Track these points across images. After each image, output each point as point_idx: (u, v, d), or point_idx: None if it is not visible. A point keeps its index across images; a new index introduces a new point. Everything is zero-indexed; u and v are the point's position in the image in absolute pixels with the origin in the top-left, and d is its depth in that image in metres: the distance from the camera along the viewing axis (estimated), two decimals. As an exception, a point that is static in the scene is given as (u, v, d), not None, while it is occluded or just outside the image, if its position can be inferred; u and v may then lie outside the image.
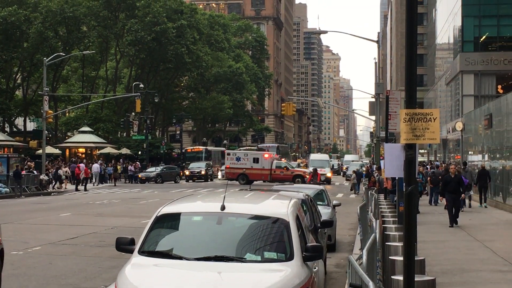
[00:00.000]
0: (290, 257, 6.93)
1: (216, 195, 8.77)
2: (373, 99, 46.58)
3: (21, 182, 39.92)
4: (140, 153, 71.85)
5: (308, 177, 53.10)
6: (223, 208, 7.45)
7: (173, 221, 7.70)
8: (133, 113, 71.41)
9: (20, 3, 62.12)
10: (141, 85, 67.48)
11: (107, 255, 14.91)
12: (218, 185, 52.72)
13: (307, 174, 54.61)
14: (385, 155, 7.64)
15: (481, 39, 48.06)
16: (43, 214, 26.53)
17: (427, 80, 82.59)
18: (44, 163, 47.55)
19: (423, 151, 74.54)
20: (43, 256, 14.99)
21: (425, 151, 74.30)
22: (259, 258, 6.94)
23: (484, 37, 48.02)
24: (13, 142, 59.49)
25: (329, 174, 64.02)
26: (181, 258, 6.90)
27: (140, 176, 60.31)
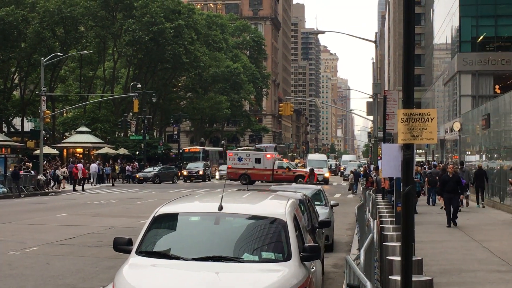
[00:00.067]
0: (287, 257, 6.93)
1: (213, 195, 8.77)
2: (371, 99, 46.50)
3: (19, 182, 39.92)
4: (137, 153, 71.82)
5: (305, 176, 53.10)
6: (221, 208, 7.44)
7: (170, 221, 7.70)
8: (131, 113, 71.41)
9: (17, 3, 62.04)
10: (139, 85, 67.44)
11: (104, 255, 14.90)
12: (216, 185, 52.69)
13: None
14: (382, 155, 7.63)
15: (479, 39, 48.13)
16: (40, 214, 26.49)
17: (425, 80, 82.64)
18: (41, 163, 47.48)
19: (420, 151, 74.56)
20: (40, 256, 14.97)
21: (423, 151, 74.32)
22: (256, 258, 6.93)
23: (481, 37, 48.10)
24: (11, 142, 59.42)
25: (327, 174, 64.04)
26: (178, 258, 6.89)
27: (137, 176, 60.24)
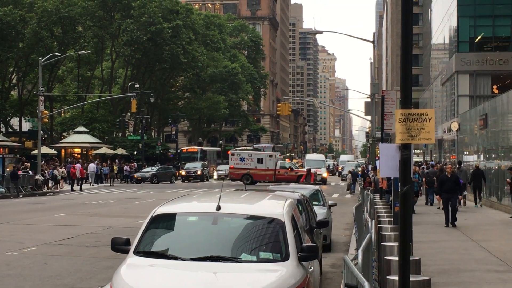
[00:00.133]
0: (285, 257, 6.93)
1: (211, 195, 8.76)
2: (369, 99, 46.51)
3: (18, 182, 39.88)
4: (135, 153, 71.79)
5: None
6: (219, 208, 7.44)
7: (168, 221, 7.69)
8: (129, 113, 71.40)
9: (15, 3, 61.94)
10: (137, 85, 67.44)
11: (102, 256, 14.89)
12: (213, 185, 52.69)
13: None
14: (380, 155, 7.64)
15: (477, 39, 48.18)
16: (38, 214, 26.47)
17: (423, 80, 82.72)
18: (39, 163, 47.42)
19: (418, 151, 74.67)
20: (38, 256, 14.96)
21: (421, 151, 74.44)
22: (254, 258, 6.93)
23: (479, 37, 48.14)
24: (9, 142, 59.36)
25: (325, 174, 64.08)
26: (176, 258, 6.89)
27: (135, 176, 60.16)
